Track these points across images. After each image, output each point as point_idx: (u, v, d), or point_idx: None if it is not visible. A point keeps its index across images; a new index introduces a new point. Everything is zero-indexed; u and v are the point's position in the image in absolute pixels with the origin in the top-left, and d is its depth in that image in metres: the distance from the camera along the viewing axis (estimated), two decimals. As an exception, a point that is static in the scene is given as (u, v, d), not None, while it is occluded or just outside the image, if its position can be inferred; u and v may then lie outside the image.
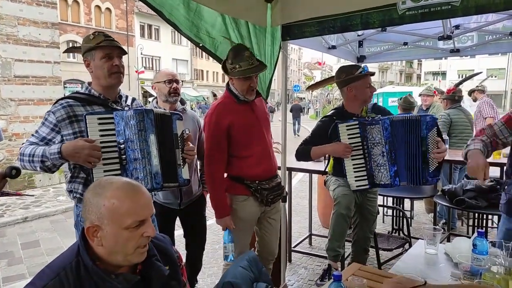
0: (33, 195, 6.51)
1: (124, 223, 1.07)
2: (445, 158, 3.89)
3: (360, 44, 4.65)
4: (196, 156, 2.65)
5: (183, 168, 1.97)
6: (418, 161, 2.48)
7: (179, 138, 1.97)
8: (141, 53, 29.02)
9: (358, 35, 4.37)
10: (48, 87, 7.49)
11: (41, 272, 1.08)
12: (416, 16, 2.24)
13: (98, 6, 26.73)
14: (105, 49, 1.85)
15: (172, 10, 2.26)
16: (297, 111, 19.57)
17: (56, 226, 5.16)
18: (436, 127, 2.48)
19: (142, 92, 30.25)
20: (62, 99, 1.89)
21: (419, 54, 4.71)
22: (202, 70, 39.92)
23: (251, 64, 2.22)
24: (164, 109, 2.50)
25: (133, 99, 2.12)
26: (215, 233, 4.51)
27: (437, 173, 2.49)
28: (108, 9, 27.45)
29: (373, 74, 2.72)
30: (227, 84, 2.39)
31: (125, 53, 1.94)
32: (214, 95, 42.19)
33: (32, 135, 1.86)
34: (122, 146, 1.79)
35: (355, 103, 2.69)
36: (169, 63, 33.48)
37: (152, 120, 1.83)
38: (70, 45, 24.36)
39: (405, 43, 4.39)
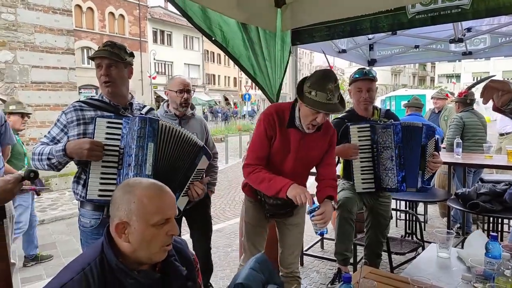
0: (48, 188, 6.65)
1: (152, 220, 1.12)
2: (459, 161, 3.92)
3: (371, 47, 4.65)
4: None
5: (181, 196, 1.88)
6: (417, 167, 2.54)
7: (196, 170, 1.91)
8: (154, 59, 29.44)
9: (369, 39, 4.37)
10: (63, 93, 7.68)
11: (67, 268, 1.12)
12: (425, 20, 2.22)
13: (111, 13, 27.24)
14: (95, 59, 1.90)
15: None
16: None
17: (72, 229, 5.24)
18: (434, 138, 2.54)
19: (155, 97, 30.62)
20: (77, 101, 1.95)
21: (431, 57, 4.69)
22: (213, 75, 40.16)
23: (328, 99, 1.83)
24: (175, 114, 2.66)
25: (150, 110, 2.11)
26: (227, 236, 4.53)
27: (430, 182, 2.60)
28: (121, 15, 27.94)
29: (372, 79, 2.59)
30: (295, 100, 2.05)
31: (117, 61, 1.88)
32: (226, 99, 42.50)
33: (45, 135, 1.92)
34: (122, 150, 1.79)
35: (357, 106, 2.71)
36: (181, 68, 33.81)
37: (155, 129, 1.76)
38: (85, 51, 24.90)
39: (416, 46, 4.37)
